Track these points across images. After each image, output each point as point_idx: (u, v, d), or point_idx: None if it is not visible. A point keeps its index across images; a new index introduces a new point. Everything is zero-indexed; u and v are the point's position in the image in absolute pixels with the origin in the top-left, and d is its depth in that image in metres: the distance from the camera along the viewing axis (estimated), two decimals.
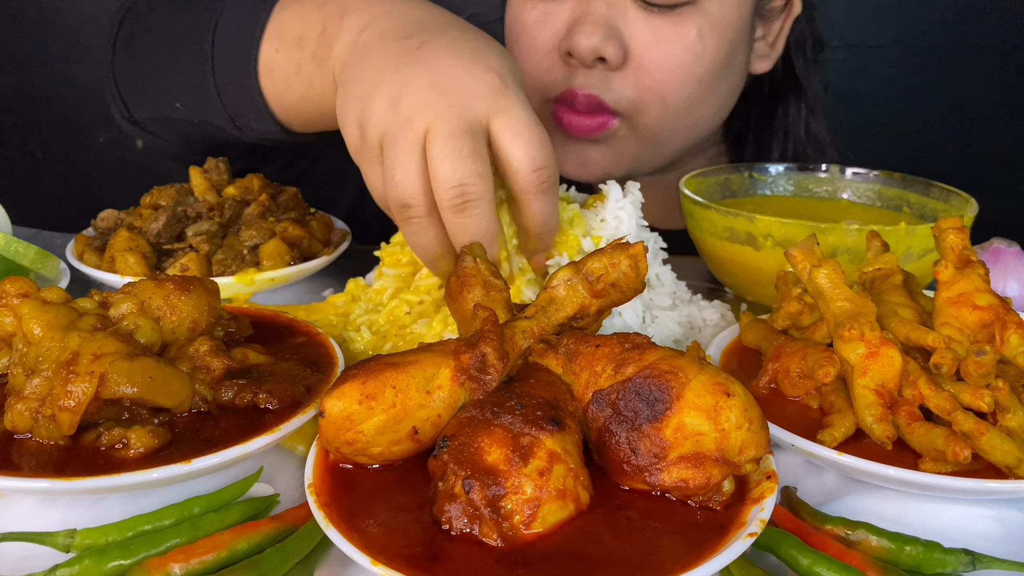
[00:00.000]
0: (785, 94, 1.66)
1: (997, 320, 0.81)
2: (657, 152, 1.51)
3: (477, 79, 0.90)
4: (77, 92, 2.70)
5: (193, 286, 0.85)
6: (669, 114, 1.42)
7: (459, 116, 0.87)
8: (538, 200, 0.91)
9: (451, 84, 0.89)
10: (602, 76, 1.39)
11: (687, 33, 1.36)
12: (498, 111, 0.89)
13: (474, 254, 0.86)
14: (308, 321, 0.96)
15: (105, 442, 0.72)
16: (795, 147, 1.69)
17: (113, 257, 1.15)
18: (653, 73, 1.37)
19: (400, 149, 0.88)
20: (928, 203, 1.29)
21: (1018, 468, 0.72)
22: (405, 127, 0.88)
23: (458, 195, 0.86)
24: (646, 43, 1.36)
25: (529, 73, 1.44)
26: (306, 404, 0.80)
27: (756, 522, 0.64)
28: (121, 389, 0.72)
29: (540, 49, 1.42)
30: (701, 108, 1.46)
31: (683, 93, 1.40)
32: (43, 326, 0.75)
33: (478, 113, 0.88)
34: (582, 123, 1.42)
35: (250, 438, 0.74)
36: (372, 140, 0.91)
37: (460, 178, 0.86)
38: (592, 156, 1.47)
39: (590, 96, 1.39)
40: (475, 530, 0.62)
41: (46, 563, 0.66)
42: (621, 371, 0.69)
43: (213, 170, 1.31)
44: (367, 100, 0.92)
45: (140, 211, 1.26)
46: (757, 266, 1.15)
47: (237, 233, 1.21)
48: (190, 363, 0.80)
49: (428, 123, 0.87)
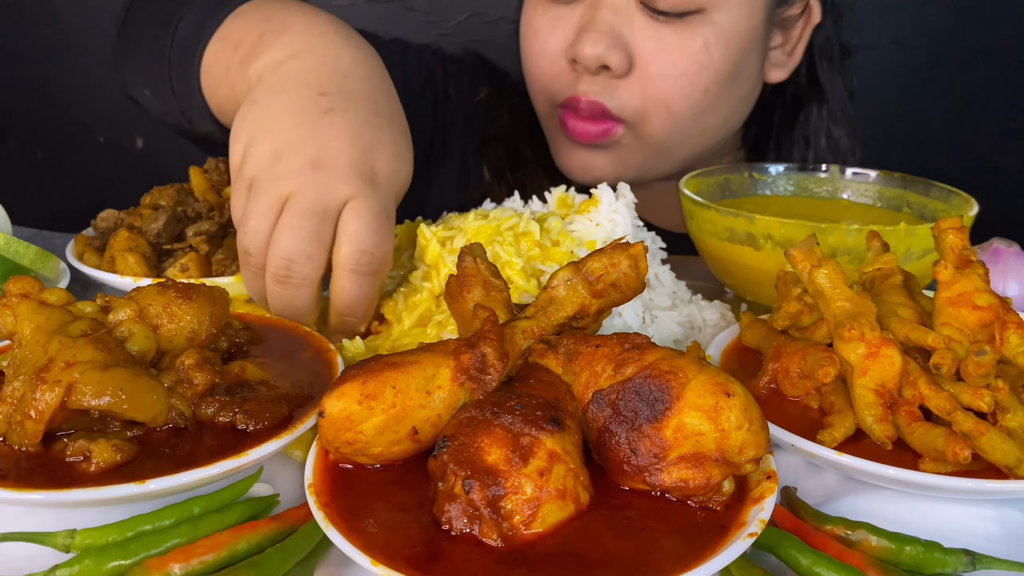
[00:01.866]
0: (808, 100, 1.66)
1: (997, 320, 0.81)
2: (664, 160, 1.52)
3: (354, 168, 0.95)
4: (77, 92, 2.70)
5: (196, 294, 0.84)
6: (674, 123, 1.43)
7: (319, 196, 0.93)
8: (348, 279, 0.95)
9: (329, 163, 0.94)
10: (606, 83, 1.40)
11: (693, 43, 1.36)
12: (356, 196, 0.94)
13: (474, 254, 0.86)
14: (322, 336, 0.95)
15: (69, 453, 0.70)
16: (816, 154, 1.69)
17: (113, 257, 1.14)
18: (657, 82, 1.38)
19: (262, 201, 0.94)
20: (928, 203, 1.29)
21: (1018, 468, 0.72)
22: (273, 184, 0.94)
23: (283, 267, 0.93)
24: (651, 52, 1.37)
25: (538, 78, 1.48)
26: (283, 429, 0.76)
27: (756, 522, 0.64)
28: (88, 400, 0.70)
29: (550, 54, 1.44)
30: (708, 117, 1.46)
31: (688, 103, 1.41)
32: (33, 329, 0.75)
33: (339, 197, 0.94)
34: (585, 129, 1.44)
35: (216, 460, 0.71)
36: (247, 174, 0.97)
37: (290, 254, 0.92)
38: (596, 162, 1.49)
39: (594, 103, 1.41)
40: (475, 530, 0.62)
41: (46, 563, 0.66)
42: (621, 371, 0.69)
43: (213, 170, 1.31)
44: (257, 136, 0.97)
45: (140, 211, 1.26)
46: (757, 266, 1.15)
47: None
48: (175, 375, 0.78)
49: (292, 190, 0.93)
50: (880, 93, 2.63)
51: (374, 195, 0.95)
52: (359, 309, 0.98)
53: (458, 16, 2.55)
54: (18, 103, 2.78)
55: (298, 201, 0.92)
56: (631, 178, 1.47)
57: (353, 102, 0.99)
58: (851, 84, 1.70)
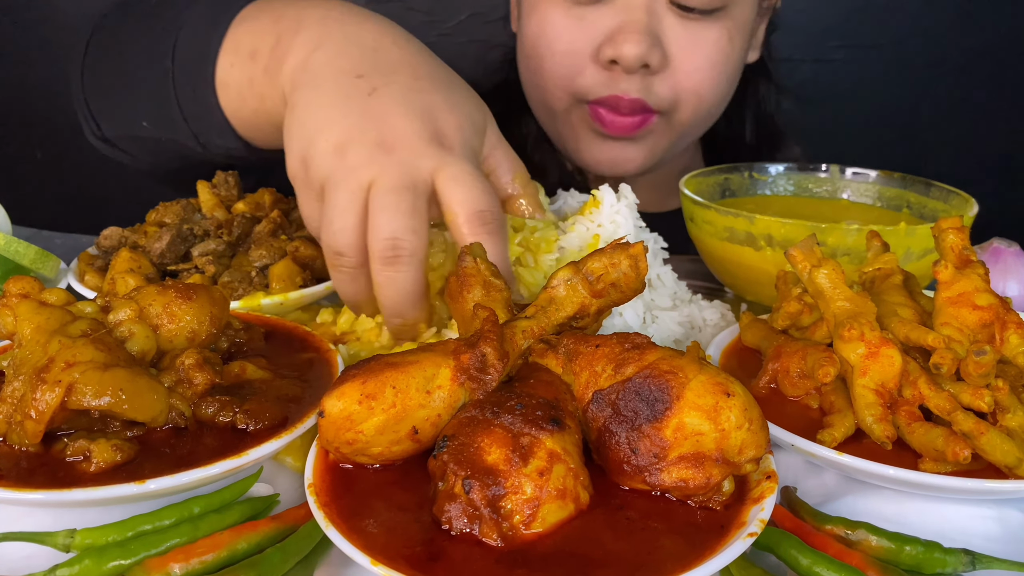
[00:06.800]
0: (755, 75, 1.78)
1: (997, 320, 0.81)
2: (680, 144, 1.62)
3: (424, 139, 0.92)
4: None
5: (196, 294, 0.83)
6: (702, 110, 1.54)
7: (403, 173, 0.90)
8: (486, 243, 0.92)
9: (398, 142, 0.92)
10: (644, 80, 1.46)
11: (720, 36, 1.47)
12: (442, 166, 0.92)
13: (474, 254, 0.86)
14: (323, 337, 0.94)
15: (69, 453, 0.70)
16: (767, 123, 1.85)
17: (114, 279, 1.06)
18: (692, 75, 1.47)
19: (341, 197, 0.90)
20: (928, 203, 1.29)
21: (1018, 468, 0.72)
22: (349, 176, 0.90)
23: (390, 248, 0.88)
24: (684, 47, 1.45)
25: (562, 76, 1.51)
26: (283, 429, 0.76)
27: (756, 522, 0.64)
28: (88, 400, 0.70)
29: (577, 54, 1.48)
30: (725, 102, 1.60)
31: (716, 91, 1.53)
32: (33, 329, 0.74)
33: (423, 171, 0.91)
34: (624, 122, 1.49)
35: (216, 460, 0.71)
36: (315, 179, 0.94)
37: (394, 231, 0.88)
38: (628, 154, 1.56)
39: (636, 101, 1.47)
40: (475, 530, 0.62)
41: (46, 563, 0.66)
42: (621, 371, 0.69)
43: (222, 185, 1.25)
44: (313, 137, 0.94)
45: (145, 228, 1.21)
46: (757, 266, 1.15)
47: (246, 252, 1.15)
48: (175, 375, 0.78)
49: (373, 176, 0.90)
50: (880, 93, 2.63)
51: (458, 158, 0.93)
52: (502, 265, 0.95)
53: (458, 16, 2.55)
54: (18, 103, 2.78)
55: (383, 183, 0.89)
56: (654, 166, 1.59)
57: (391, 74, 0.98)
58: (775, 52, 1.85)
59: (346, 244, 0.91)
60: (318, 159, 0.93)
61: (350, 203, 0.90)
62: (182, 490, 0.71)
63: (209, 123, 1.23)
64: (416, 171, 0.90)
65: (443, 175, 0.91)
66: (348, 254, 0.92)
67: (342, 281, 0.96)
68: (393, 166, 0.90)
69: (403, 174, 0.90)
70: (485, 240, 0.91)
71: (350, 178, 0.90)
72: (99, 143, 1.42)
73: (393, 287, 0.90)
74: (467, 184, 0.91)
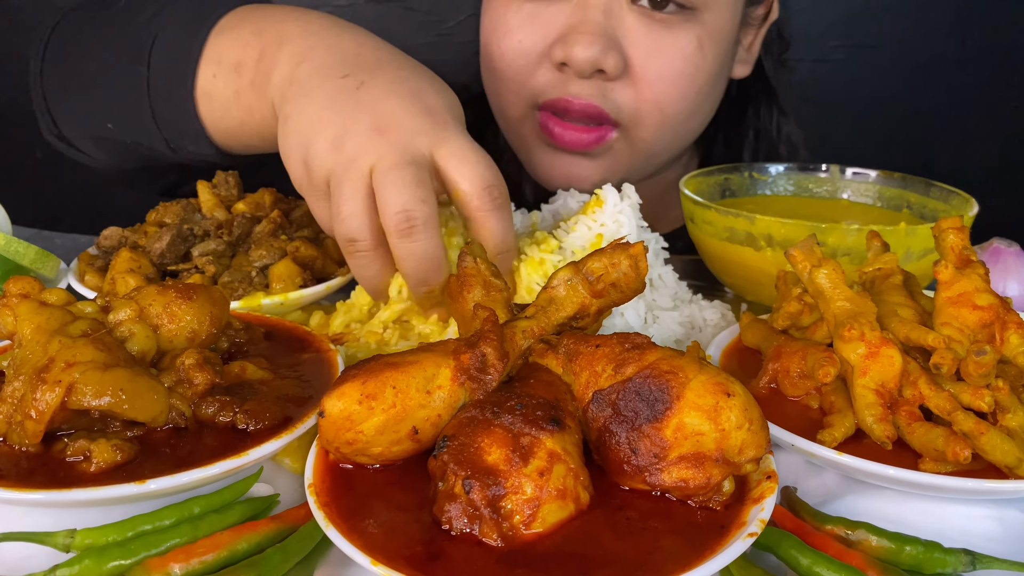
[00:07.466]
0: (756, 95, 1.66)
1: (997, 320, 0.81)
2: (648, 165, 1.47)
3: (416, 118, 0.94)
4: None
5: (197, 294, 0.83)
6: (666, 127, 1.39)
7: (402, 151, 0.91)
8: (492, 217, 0.93)
9: (392, 124, 0.93)
10: (599, 85, 1.33)
11: (688, 43, 1.32)
12: (439, 143, 0.93)
13: (474, 254, 0.86)
14: (324, 336, 0.94)
15: (69, 453, 0.70)
16: (767, 147, 1.68)
17: (114, 279, 1.08)
18: (654, 84, 1.33)
19: (346, 187, 0.91)
20: (928, 203, 1.29)
21: (1018, 468, 0.72)
22: (350, 166, 0.91)
23: (404, 220, 0.89)
24: (646, 52, 1.31)
25: (512, 78, 1.39)
26: (283, 429, 0.76)
27: (756, 522, 0.64)
28: (88, 400, 0.70)
29: (527, 53, 1.35)
30: (695, 119, 1.44)
31: (682, 105, 1.37)
32: (33, 329, 0.75)
33: (420, 148, 0.92)
34: (578, 137, 1.36)
35: (217, 460, 0.71)
36: (318, 178, 0.95)
37: (404, 204, 0.89)
38: (583, 171, 1.41)
39: (589, 105, 1.33)
40: (475, 530, 0.62)
41: (46, 563, 0.66)
42: (621, 371, 0.69)
43: (222, 185, 1.25)
44: (310, 139, 0.95)
45: (145, 228, 1.21)
46: (757, 266, 1.15)
47: (246, 252, 1.15)
48: (175, 375, 0.78)
49: (372, 161, 0.91)
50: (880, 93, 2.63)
51: (454, 132, 0.94)
52: (511, 240, 0.96)
53: (458, 16, 2.55)
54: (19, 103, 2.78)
55: (384, 162, 0.90)
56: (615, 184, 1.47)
57: (376, 70, 0.99)
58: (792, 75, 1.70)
59: (357, 228, 0.92)
60: (318, 158, 0.94)
61: (355, 190, 0.91)
62: (182, 490, 0.71)
63: (183, 130, 1.22)
64: (414, 147, 0.92)
65: (443, 151, 0.93)
66: (360, 238, 0.93)
67: (360, 267, 0.97)
68: (390, 146, 0.91)
69: (402, 152, 0.91)
70: (495, 215, 0.93)
71: (351, 168, 0.92)
72: (55, 140, 1.40)
73: (414, 258, 0.91)
74: (471, 160, 0.92)
